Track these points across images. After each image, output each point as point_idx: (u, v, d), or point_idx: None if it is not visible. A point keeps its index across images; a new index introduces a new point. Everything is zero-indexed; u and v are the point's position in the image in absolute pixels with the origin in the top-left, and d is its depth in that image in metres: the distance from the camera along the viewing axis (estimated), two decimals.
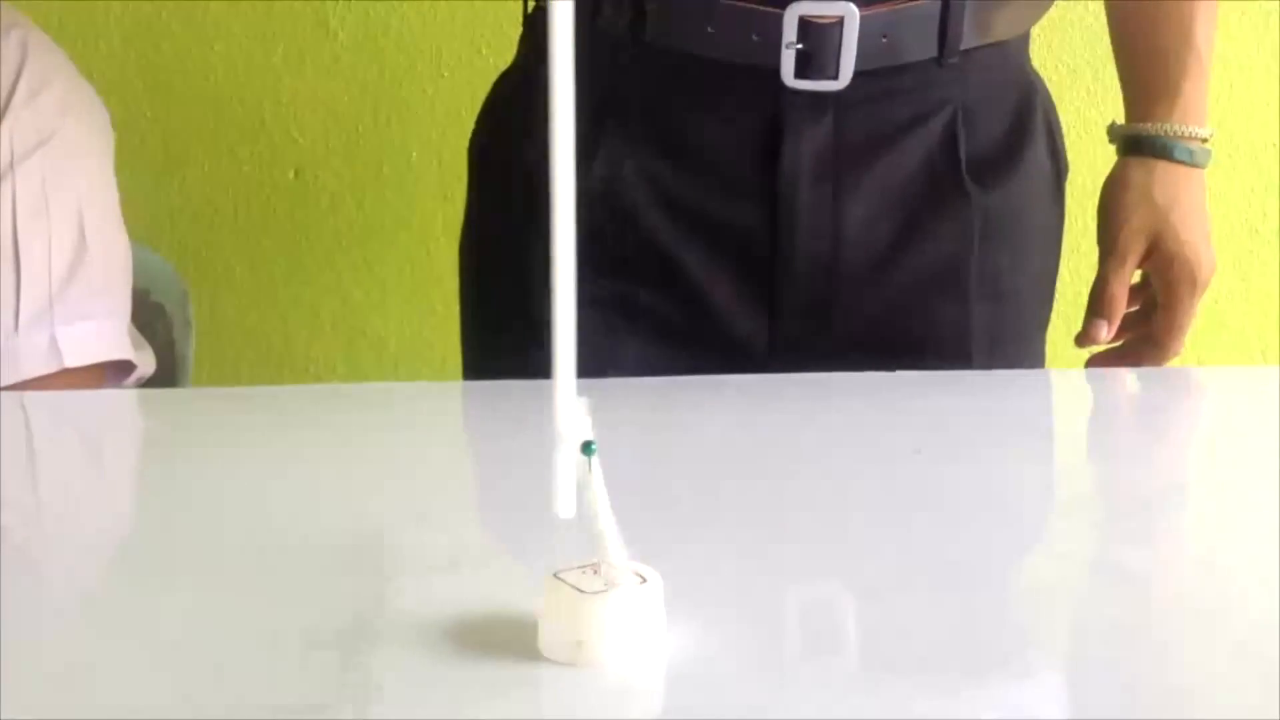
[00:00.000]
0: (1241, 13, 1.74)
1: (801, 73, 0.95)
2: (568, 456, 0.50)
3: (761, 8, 0.94)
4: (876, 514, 0.69)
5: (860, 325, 1.01)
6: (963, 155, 1.00)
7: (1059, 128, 1.10)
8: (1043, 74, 1.10)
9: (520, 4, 1.07)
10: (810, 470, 0.77)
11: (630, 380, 0.93)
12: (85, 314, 1.10)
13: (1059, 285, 1.14)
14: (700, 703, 0.49)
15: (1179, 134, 1.06)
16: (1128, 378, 1.06)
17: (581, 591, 0.50)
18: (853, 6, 0.94)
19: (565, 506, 0.50)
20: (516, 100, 1.07)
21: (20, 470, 0.79)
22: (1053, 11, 1.08)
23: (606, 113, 0.98)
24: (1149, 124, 1.07)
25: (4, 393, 0.99)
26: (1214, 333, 1.80)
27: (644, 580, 0.51)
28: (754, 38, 0.95)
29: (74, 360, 1.08)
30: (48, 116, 1.11)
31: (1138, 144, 1.07)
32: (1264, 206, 1.80)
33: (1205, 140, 1.07)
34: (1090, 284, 1.10)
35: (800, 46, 0.94)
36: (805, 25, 0.94)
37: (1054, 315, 1.14)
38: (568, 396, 0.49)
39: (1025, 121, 1.04)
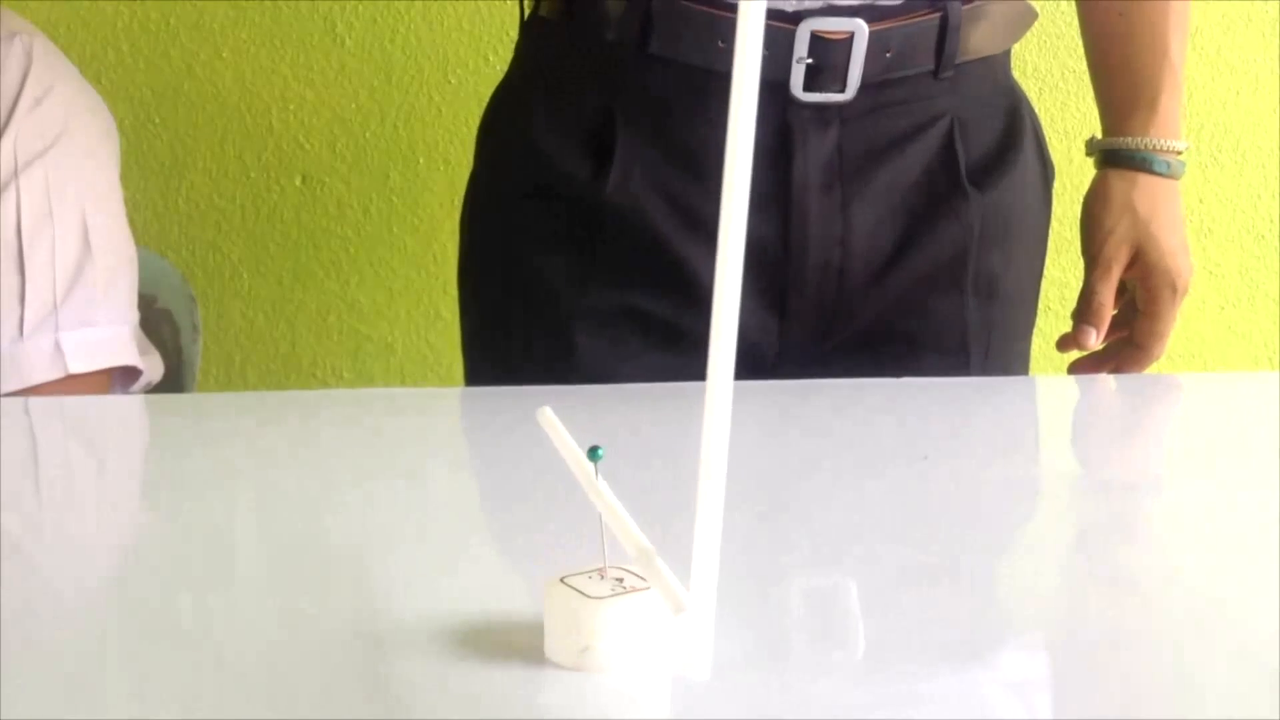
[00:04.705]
0: (1247, 20, 1.74)
1: (810, 86, 0.97)
2: None
3: (773, 24, 0.94)
4: (882, 518, 0.69)
5: (864, 326, 1.03)
6: (961, 162, 1.02)
7: (1043, 133, 1.12)
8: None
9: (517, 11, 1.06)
10: (816, 475, 0.77)
11: (639, 385, 0.94)
12: (90, 320, 1.09)
13: (1045, 286, 1.15)
14: (706, 707, 0.48)
15: (1158, 148, 1.09)
16: (1131, 385, 1.07)
17: (587, 596, 0.50)
18: (862, 23, 0.96)
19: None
20: (513, 112, 1.06)
21: (25, 476, 0.79)
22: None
23: (617, 124, 0.99)
24: (1129, 138, 1.09)
25: (8, 398, 0.99)
26: (1221, 337, 1.80)
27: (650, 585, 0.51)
28: (764, 52, 0.95)
29: (78, 366, 1.08)
30: (52, 122, 1.11)
31: (1118, 157, 1.10)
32: (1270, 212, 1.80)
33: (1180, 153, 1.10)
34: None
35: (810, 61, 0.96)
36: (816, 40, 0.96)
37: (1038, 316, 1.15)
38: None
39: (1014, 128, 1.07)
